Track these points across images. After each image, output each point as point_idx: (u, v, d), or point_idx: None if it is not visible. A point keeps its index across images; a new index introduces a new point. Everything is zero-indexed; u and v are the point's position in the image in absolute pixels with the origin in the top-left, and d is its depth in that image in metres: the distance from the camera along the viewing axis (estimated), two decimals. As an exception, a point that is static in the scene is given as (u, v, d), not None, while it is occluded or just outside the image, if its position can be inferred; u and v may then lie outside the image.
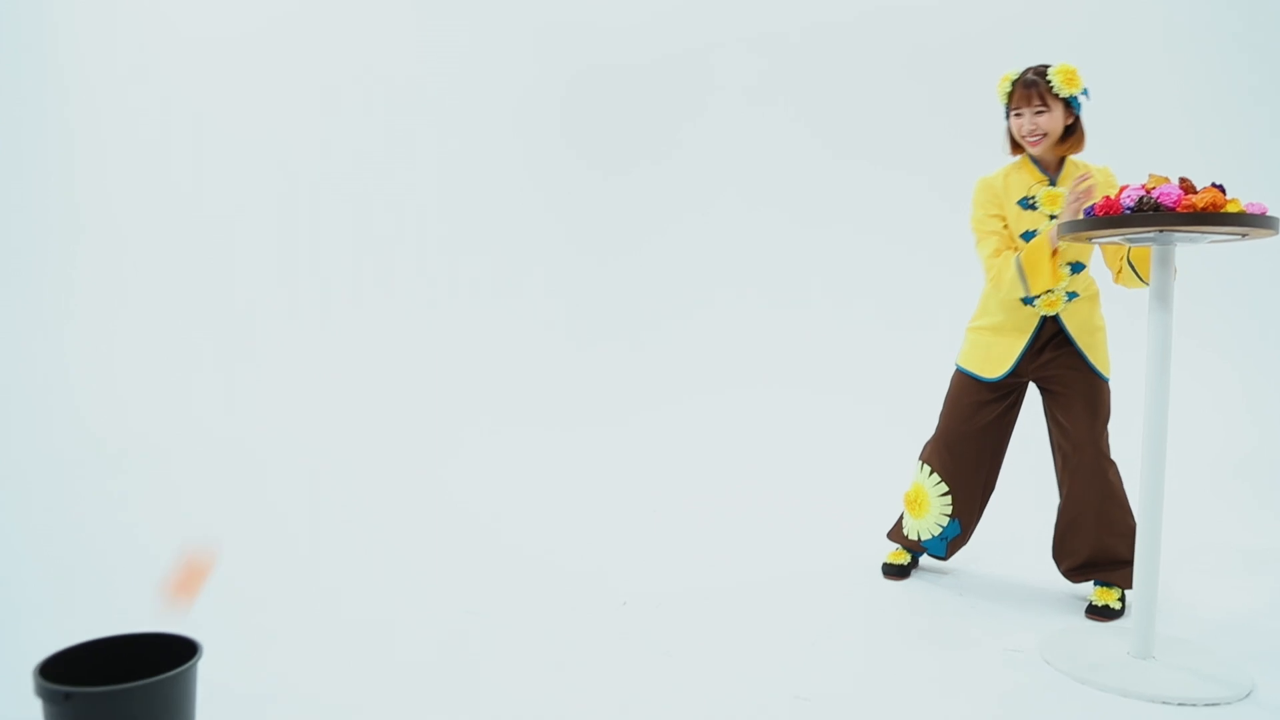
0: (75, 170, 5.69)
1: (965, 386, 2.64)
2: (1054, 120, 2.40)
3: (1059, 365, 2.51)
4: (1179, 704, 1.91)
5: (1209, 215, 1.81)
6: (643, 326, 5.34)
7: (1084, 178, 2.24)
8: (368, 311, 5.63)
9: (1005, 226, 2.51)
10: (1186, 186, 1.90)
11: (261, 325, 5.61)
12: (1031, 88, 2.39)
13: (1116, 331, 2.65)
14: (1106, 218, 1.91)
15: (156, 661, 1.62)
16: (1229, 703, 1.92)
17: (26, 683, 1.97)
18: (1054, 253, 2.34)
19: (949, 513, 2.67)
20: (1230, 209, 1.85)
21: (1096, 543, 2.48)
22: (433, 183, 5.68)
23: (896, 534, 2.84)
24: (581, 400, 5.13)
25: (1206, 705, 1.91)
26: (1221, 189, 1.87)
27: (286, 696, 1.91)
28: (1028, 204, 2.47)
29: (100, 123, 5.71)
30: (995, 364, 2.57)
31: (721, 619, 2.42)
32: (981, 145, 4.61)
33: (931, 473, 2.69)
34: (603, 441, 4.75)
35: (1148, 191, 1.89)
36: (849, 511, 3.58)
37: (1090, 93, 2.46)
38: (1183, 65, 4.61)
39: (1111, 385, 2.53)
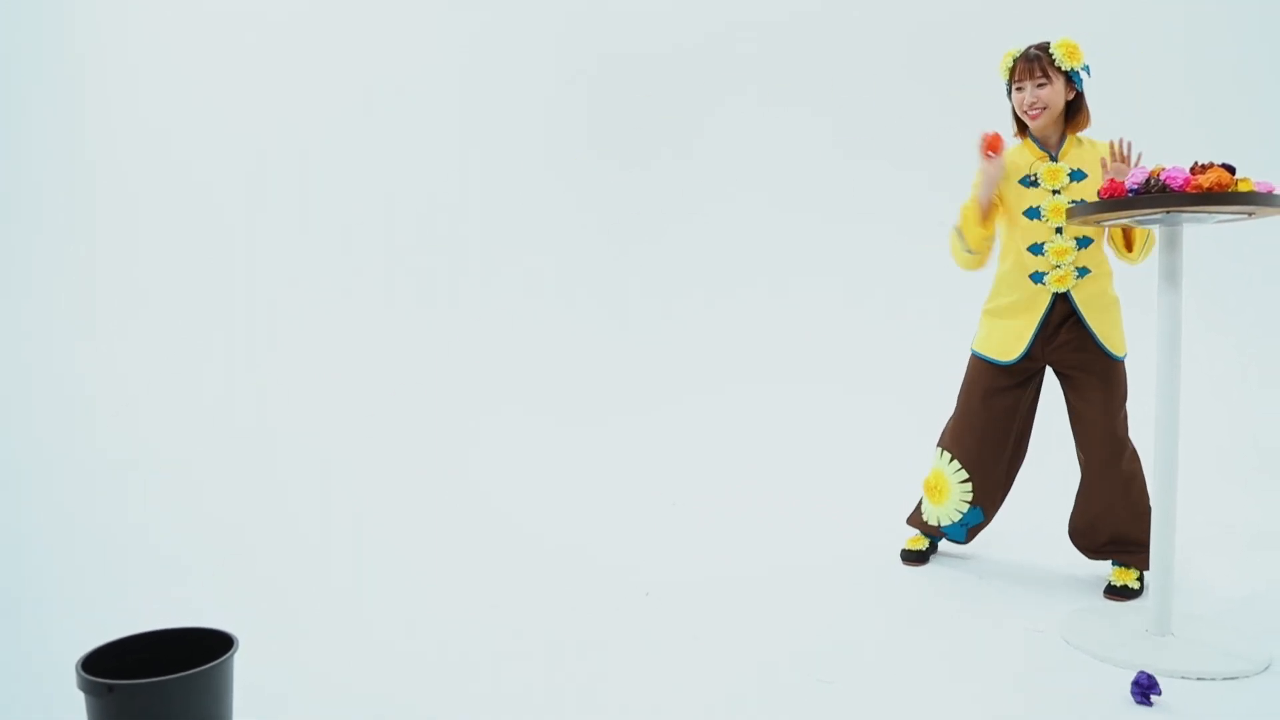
0: (90, 175, 5.79)
1: (980, 371, 2.64)
2: (1055, 94, 2.42)
3: (1073, 348, 2.50)
4: (1198, 678, 1.93)
5: (1214, 195, 1.83)
6: (662, 318, 5.37)
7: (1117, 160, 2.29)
8: (385, 305, 5.69)
9: (998, 207, 2.53)
10: (1197, 170, 1.92)
11: (280, 322, 5.67)
12: (1033, 61, 2.41)
13: (1124, 315, 2.65)
14: (1113, 200, 1.93)
15: (194, 655, 1.66)
16: (1247, 676, 1.94)
17: (68, 677, 2.02)
18: (988, 214, 2.48)
19: (969, 499, 2.68)
20: (1241, 188, 1.86)
21: (1115, 524, 2.50)
22: (453, 175, 5.72)
23: (916, 520, 2.86)
24: (601, 392, 5.17)
25: (1225, 679, 1.93)
26: (1231, 169, 1.89)
27: (317, 690, 1.95)
28: (1029, 181, 2.48)
29: (115, 127, 5.81)
30: (1008, 347, 2.57)
31: (743, 607, 2.45)
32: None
33: (951, 459, 2.70)
34: (622, 433, 4.79)
35: (1154, 174, 1.91)
36: (867, 500, 3.61)
37: (1092, 70, 2.47)
38: (1194, 46, 4.60)
39: (1127, 366, 2.54)
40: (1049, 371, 2.71)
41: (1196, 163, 1.92)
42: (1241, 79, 4.54)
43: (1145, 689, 1.81)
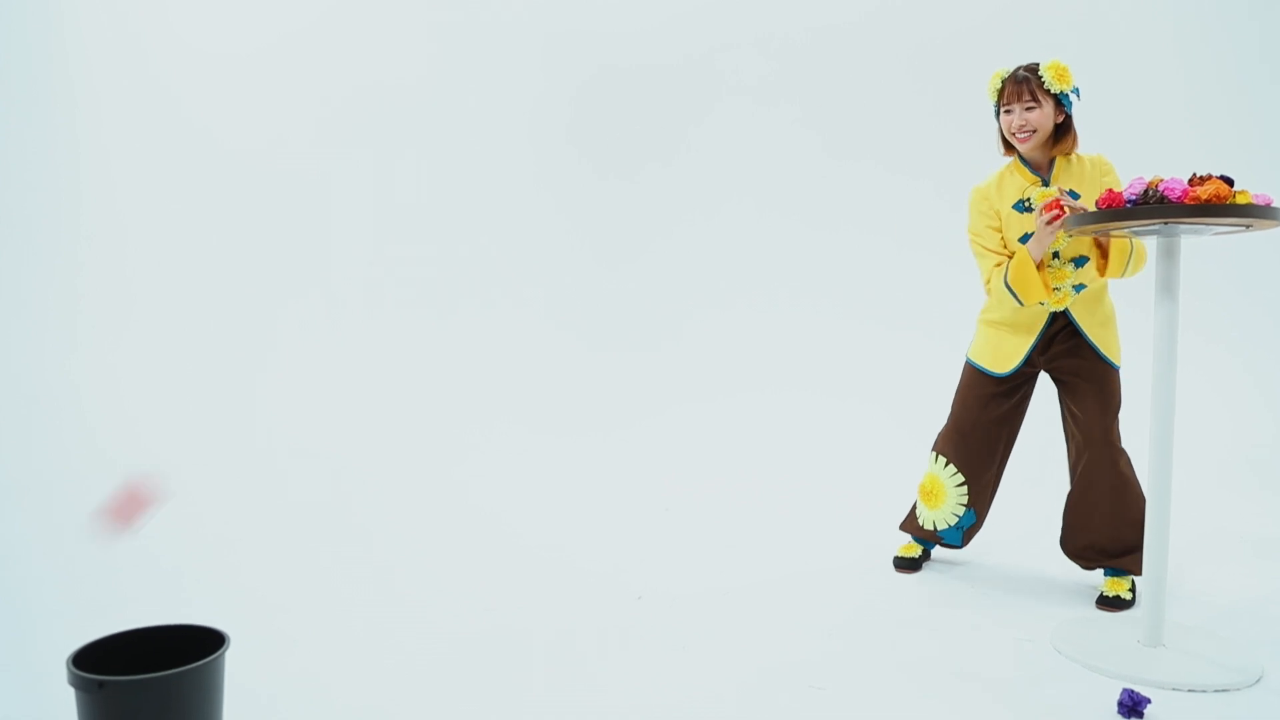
0: (80, 183, 5.77)
1: (976, 380, 2.66)
2: (1044, 117, 2.40)
3: (1070, 355, 2.52)
4: (1189, 690, 1.93)
5: (1211, 207, 1.83)
6: (653, 329, 5.36)
7: (1051, 203, 2.26)
8: (378, 318, 5.67)
9: (1000, 234, 2.52)
10: (1195, 182, 1.92)
11: (272, 333, 5.66)
12: (1022, 83, 2.40)
13: (1122, 324, 2.66)
14: (1111, 211, 1.93)
15: (185, 652, 1.66)
16: (1239, 688, 1.94)
17: (59, 674, 2.02)
18: (1040, 266, 2.38)
19: (965, 502, 2.70)
20: (1240, 200, 1.86)
21: (1107, 531, 2.50)
22: (442, 189, 5.72)
23: (910, 525, 2.86)
24: (593, 402, 5.16)
25: (1217, 691, 1.93)
26: (1229, 181, 1.89)
27: (308, 697, 1.94)
28: (1022, 207, 2.48)
29: (106, 134, 5.78)
30: (1004, 359, 2.59)
31: (735, 613, 2.45)
32: (986, 148, 4.63)
33: (947, 464, 2.71)
34: (615, 443, 4.78)
35: (1152, 185, 1.91)
36: (859, 508, 3.61)
37: (1090, 82, 2.47)
38: (1191, 56, 4.61)
39: (1121, 375, 2.55)
40: (1040, 377, 2.72)
41: (1195, 174, 1.92)
42: (1240, 91, 4.55)
43: (1130, 709, 1.80)
